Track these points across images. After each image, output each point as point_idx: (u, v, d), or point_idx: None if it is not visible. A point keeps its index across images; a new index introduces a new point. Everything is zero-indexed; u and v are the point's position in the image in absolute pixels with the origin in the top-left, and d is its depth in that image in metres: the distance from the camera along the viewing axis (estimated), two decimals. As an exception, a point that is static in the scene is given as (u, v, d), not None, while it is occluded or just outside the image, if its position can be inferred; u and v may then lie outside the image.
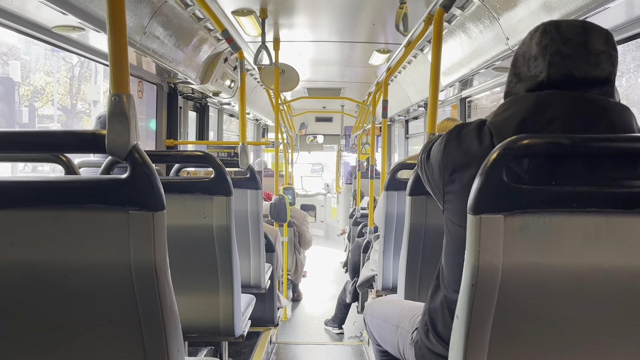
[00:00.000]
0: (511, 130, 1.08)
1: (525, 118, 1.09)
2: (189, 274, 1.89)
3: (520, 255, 0.93)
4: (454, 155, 1.21)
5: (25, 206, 0.94)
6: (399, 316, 1.61)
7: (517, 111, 1.11)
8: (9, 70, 16.46)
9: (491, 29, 2.79)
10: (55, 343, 1.02)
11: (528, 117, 1.08)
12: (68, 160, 1.50)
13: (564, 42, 1.09)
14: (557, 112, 1.06)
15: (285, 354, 3.94)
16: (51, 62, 19.12)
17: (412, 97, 5.55)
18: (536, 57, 1.12)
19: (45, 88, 19.21)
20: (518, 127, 1.08)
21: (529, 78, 1.13)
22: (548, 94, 1.09)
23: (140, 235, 0.93)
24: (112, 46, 0.95)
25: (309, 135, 10.36)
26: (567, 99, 1.07)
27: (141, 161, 0.93)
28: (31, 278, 0.97)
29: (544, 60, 1.10)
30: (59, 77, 19.78)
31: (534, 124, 1.08)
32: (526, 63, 1.14)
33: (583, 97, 1.07)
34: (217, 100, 5.21)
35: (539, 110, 1.08)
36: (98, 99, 16.05)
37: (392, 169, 2.73)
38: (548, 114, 1.07)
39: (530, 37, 1.15)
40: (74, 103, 20.28)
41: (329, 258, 8.07)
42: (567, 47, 1.08)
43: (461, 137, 1.21)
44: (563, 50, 1.08)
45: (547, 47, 1.10)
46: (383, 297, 1.99)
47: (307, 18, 3.70)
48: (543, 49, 1.10)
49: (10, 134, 0.99)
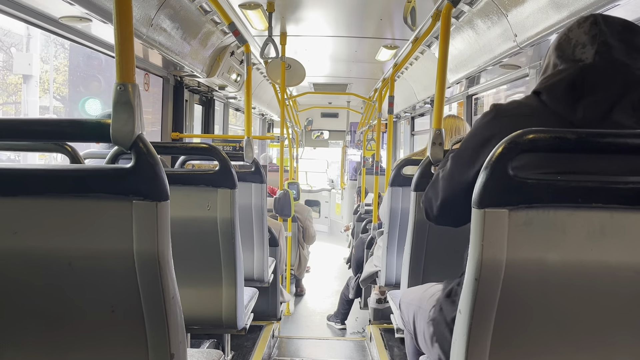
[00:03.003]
0: (563, 89, 1.18)
1: (574, 81, 1.17)
2: (192, 266, 1.90)
3: (525, 250, 0.92)
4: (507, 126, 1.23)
5: (29, 194, 0.94)
6: (420, 297, 1.64)
7: (565, 76, 1.19)
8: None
9: (499, 26, 2.77)
10: (58, 331, 1.02)
11: (577, 81, 1.16)
12: (73, 149, 1.50)
13: (612, 34, 1.17)
14: (598, 79, 1.15)
15: (287, 348, 3.95)
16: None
17: (418, 93, 5.53)
18: (584, 45, 1.18)
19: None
20: (568, 87, 1.17)
21: (572, 61, 1.20)
22: (589, 65, 1.17)
23: (143, 225, 0.93)
24: (118, 34, 0.95)
25: (314, 131, 10.35)
26: (609, 69, 1.15)
27: (146, 151, 0.93)
28: (34, 266, 0.98)
29: (592, 47, 1.17)
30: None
31: (582, 86, 1.16)
32: (572, 48, 1.21)
33: (621, 67, 1.15)
34: (223, 94, 5.21)
35: (586, 77, 1.16)
36: (30, 73, 10.10)
37: (397, 164, 2.72)
38: (595, 79, 1.15)
39: (578, 25, 1.22)
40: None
41: (333, 254, 8.07)
42: (613, 39, 1.16)
43: (508, 109, 1.26)
44: (610, 42, 1.16)
45: (596, 36, 1.17)
46: (415, 287, 2.00)
47: (314, 12, 3.68)
48: (592, 38, 1.18)
49: (15, 122, 0.99)
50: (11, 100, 14.42)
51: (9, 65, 13.32)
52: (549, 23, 2.29)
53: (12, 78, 13.82)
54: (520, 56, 2.88)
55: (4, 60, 13.81)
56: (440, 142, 1.95)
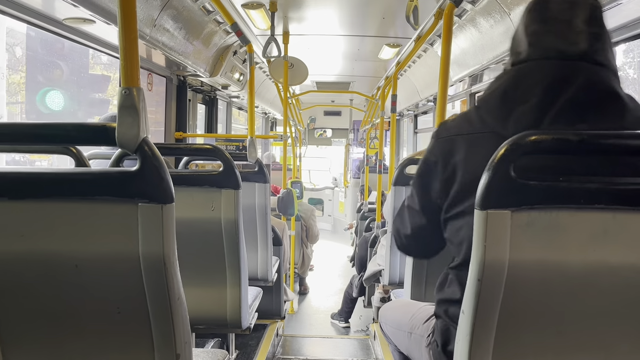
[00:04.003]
0: (496, 99, 1.12)
1: (506, 90, 1.11)
2: (196, 266, 1.90)
3: (527, 251, 0.93)
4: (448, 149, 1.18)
5: (36, 198, 0.95)
6: (411, 322, 1.58)
7: (499, 85, 1.14)
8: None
9: (502, 24, 2.76)
10: (64, 332, 1.03)
11: (509, 89, 1.11)
12: (78, 152, 1.51)
13: (544, 21, 1.09)
14: (535, 79, 1.07)
15: (291, 347, 3.96)
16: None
17: (421, 91, 5.53)
18: (520, 37, 1.14)
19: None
20: (501, 96, 1.11)
21: (515, 54, 1.15)
22: (526, 65, 1.11)
23: (149, 228, 0.94)
24: (122, 40, 0.96)
25: (317, 129, 10.35)
26: (544, 66, 1.08)
27: (151, 154, 0.94)
28: (41, 269, 0.99)
29: (526, 40, 1.12)
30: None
31: (514, 95, 1.09)
32: (516, 41, 1.16)
33: (563, 63, 1.06)
34: (226, 93, 5.21)
35: (518, 82, 1.10)
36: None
37: (401, 164, 2.73)
38: (527, 82, 1.08)
39: (523, 14, 1.16)
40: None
41: (336, 252, 8.08)
42: (547, 25, 1.09)
43: (448, 129, 1.21)
44: (540, 30, 1.09)
45: (527, 27, 1.12)
46: (394, 302, 1.98)
47: (316, 11, 3.69)
48: (525, 29, 1.12)
49: (23, 126, 1.00)
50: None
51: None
52: (551, 21, 2.29)
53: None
54: (523, 54, 2.88)
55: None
56: (443, 142, 1.95)
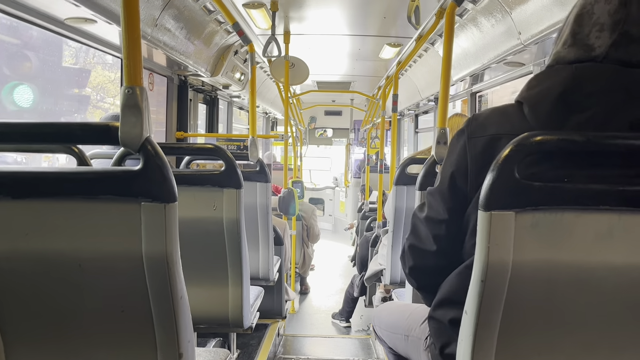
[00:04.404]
0: (548, 103, 1.00)
1: (565, 91, 0.99)
2: (198, 266, 1.91)
3: (531, 252, 0.92)
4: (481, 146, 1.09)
5: (40, 197, 0.95)
6: (408, 324, 1.55)
7: (554, 83, 1.01)
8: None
9: (503, 23, 2.76)
10: (68, 332, 1.03)
11: (568, 91, 0.99)
12: (80, 151, 1.51)
13: (637, 23, 0.97)
14: (595, 86, 0.97)
15: (292, 346, 3.97)
16: None
17: (422, 91, 5.53)
18: (602, 28, 0.99)
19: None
20: (557, 100, 0.99)
21: (584, 46, 1.01)
22: (587, 66, 0.99)
23: (152, 227, 0.94)
24: (125, 39, 0.96)
25: (318, 129, 10.35)
26: (608, 73, 0.97)
27: (154, 153, 0.94)
28: (45, 268, 0.99)
29: (610, 36, 0.98)
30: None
31: (573, 98, 0.98)
32: (590, 27, 1.01)
33: (626, 70, 0.97)
34: (227, 93, 5.22)
35: (579, 84, 0.98)
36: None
37: (402, 163, 2.73)
38: (587, 88, 0.98)
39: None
40: None
41: (337, 252, 8.08)
42: (638, 29, 0.97)
43: (484, 126, 1.09)
44: (633, 33, 0.97)
45: (619, 23, 0.97)
46: (389, 304, 1.96)
47: (317, 11, 3.69)
48: (614, 24, 0.98)
49: (25, 125, 1.00)
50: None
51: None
52: (553, 21, 2.29)
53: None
54: (525, 53, 2.88)
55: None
56: (444, 141, 1.95)
